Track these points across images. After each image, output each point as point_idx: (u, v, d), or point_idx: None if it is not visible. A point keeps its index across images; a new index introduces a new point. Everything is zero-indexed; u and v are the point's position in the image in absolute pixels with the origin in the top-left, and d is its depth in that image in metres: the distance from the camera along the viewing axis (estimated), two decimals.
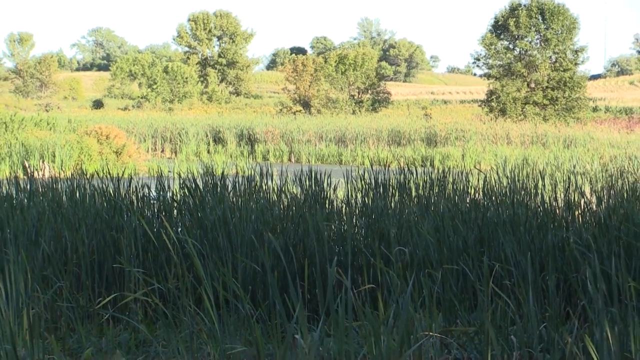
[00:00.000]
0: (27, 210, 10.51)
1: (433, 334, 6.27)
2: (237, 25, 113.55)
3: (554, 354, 6.67)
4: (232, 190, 11.27)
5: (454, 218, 9.91)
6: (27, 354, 6.59)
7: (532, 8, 74.01)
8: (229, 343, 7.13)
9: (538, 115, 69.94)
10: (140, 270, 8.98)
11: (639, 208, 10.31)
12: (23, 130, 40.06)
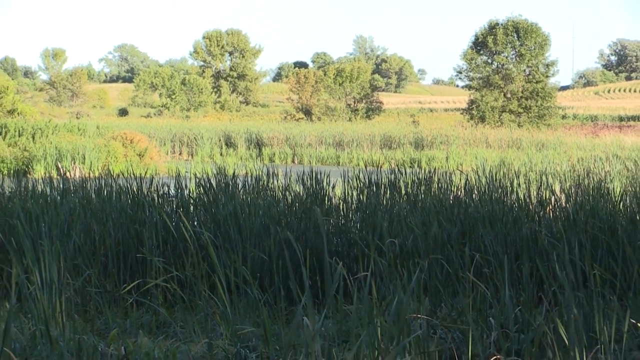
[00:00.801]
0: (60, 206, 10.51)
1: (421, 316, 6.26)
2: (246, 42, 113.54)
3: (527, 334, 6.66)
4: (242, 188, 11.27)
5: (439, 213, 9.91)
6: (60, 334, 6.58)
7: (508, 27, 74.18)
8: (240, 324, 7.13)
9: (513, 122, 70.02)
10: (161, 259, 8.98)
11: (603, 204, 10.31)
12: (56, 135, 40.05)
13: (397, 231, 9.35)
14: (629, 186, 13.54)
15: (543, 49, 74.38)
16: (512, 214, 9.97)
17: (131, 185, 11.13)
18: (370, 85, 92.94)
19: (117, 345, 6.62)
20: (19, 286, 7.58)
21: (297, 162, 48.04)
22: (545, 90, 73.74)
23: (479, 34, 75.79)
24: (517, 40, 74.19)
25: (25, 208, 10.25)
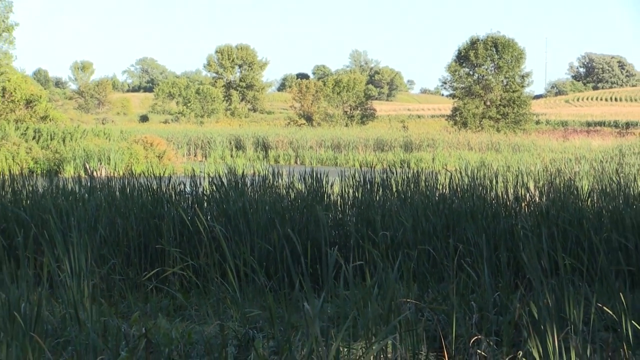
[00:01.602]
0: (87, 203, 10.50)
1: (410, 300, 6.26)
2: (254, 55, 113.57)
3: (505, 316, 6.66)
4: (250, 186, 11.27)
5: (426, 208, 9.91)
6: (87, 317, 6.57)
7: (488, 42, 74.29)
8: (248, 308, 7.13)
9: (492, 127, 70.07)
10: (177, 249, 8.98)
11: (573, 200, 10.31)
12: (84, 139, 40.05)
13: (388, 224, 9.35)
14: (595, 184, 13.54)
15: (519, 61, 74.50)
16: (492, 209, 9.97)
17: (151, 184, 11.12)
18: (365, 94, 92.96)
19: (138, 327, 6.62)
20: (51, 274, 7.58)
21: (299, 163, 48.02)
22: (521, 99, 73.92)
23: (461, 49, 75.88)
24: (495, 54, 74.30)
25: (56, 204, 10.24)
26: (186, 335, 6.55)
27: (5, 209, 10.29)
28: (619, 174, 18.24)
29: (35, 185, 11.88)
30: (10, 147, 36.63)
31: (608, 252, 8.35)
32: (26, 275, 6.84)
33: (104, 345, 6.03)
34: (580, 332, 5.71)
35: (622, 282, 7.79)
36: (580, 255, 8.24)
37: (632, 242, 8.50)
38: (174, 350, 6.17)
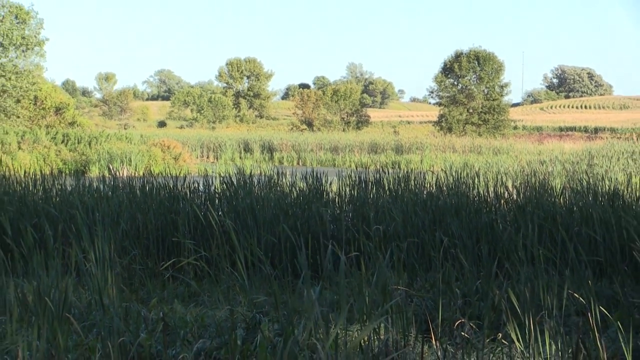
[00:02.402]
0: (110, 200, 10.50)
1: (400, 288, 6.25)
2: (260, 67, 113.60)
3: (486, 302, 6.65)
4: (257, 185, 11.27)
5: (415, 205, 9.91)
6: (110, 302, 6.57)
7: (470, 56, 74.34)
8: (255, 294, 7.12)
9: (475, 132, 70.10)
10: (192, 242, 8.99)
11: (547, 198, 10.31)
12: (108, 143, 40.04)
13: (381, 219, 9.34)
14: (567, 183, 13.54)
15: (498, 73, 74.57)
16: (474, 205, 9.97)
17: (168, 183, 11.12)
18: (360, 102, 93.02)
19: (156, 311, 6.62)
20: (78, 264, 7.58)
21: (301, 164, 48.00)
22: (500, 107, 74.01)
23: (447, 61, 75.95)
24: (477, 66, 74.34)
25: (82, 201, 10.25)
26: (199, 319, 6.55)
27: (36, 205, 10.29)
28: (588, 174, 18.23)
29: (64, 184, 11.88)
30: (42, 150, 36.65)
31: (578, 244, 8.35)
32: (55, 264, 6.84)
33: (125, 327, 6.03)
34: (553, 316, 5.71)
35: (590, 271, 7.79)
36: (553, 247, 8.25)
37: (600, 236, 8.51)
38: (188, 332, 6.17)
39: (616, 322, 5.63)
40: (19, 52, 42.24)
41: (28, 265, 8.02)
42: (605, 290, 7.27)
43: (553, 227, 8.72)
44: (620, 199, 10.06)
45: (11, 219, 9.39)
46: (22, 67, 42.50)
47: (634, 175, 20.96)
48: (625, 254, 8.10)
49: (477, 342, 5.42)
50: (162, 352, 5.59)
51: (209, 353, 5.71)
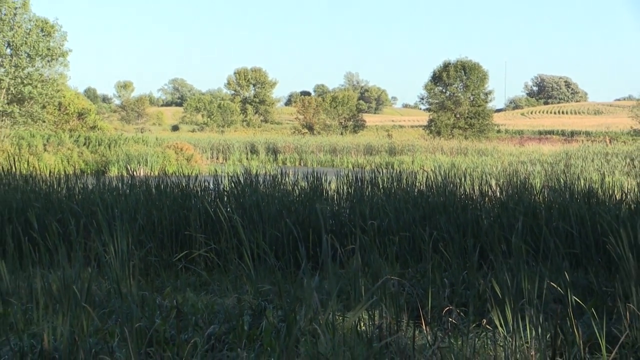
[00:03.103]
0: (128, 197, 10.50)
1: (393, 277, 6.25)
2: (265, 76, 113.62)
3: (472, 290, 6.66)
4: (262, 184, 11.26)
5: (407, 202, 9.90)
6: (128, 291, 6.57)
7: (457, 65, 74.35)
8: (260, 283, 7.12)
9: (461, 135, 70.07)
10: (202, 235, 8.98)
11: (527, 195, 10.30)
12: (126, 145, 40.03)
13: (376, 215, 9.34)
14: (545, 182, 13.54)
15: (483, 81, 74.58)
16: (461, 202, 9.96)
17: (181, 182, 11.11)
18: (356, 108, 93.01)
19: (170, 299, 6.62)
20: (98, 256, 7.57)
21: (302, 165, 47.97)
22: (485, 112, 74.05)
23: (436, 71, 75.97)
24: (464, 75, 74.32)
25: (103, 198, 10.24)
26: (210, 306, 6.55)
27: (60, 202, 10.29)
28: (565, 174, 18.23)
29: (86, 183, 11.87)
30: (65, 152, 36.63)
31: (556, 238, 8.35)
32: (78, 257, 6.83)
33: (142, 314, 6.02)
34: (533, 304, 5.71)
35: (567, 262, 7.79)
36: (533, 240, 8.25)
37: (576, 230, 8.51)
38: (199, 318, 6.17)
39: (591, 309, 5.64)
40: (44, 62, 42.22)
41: (53, 257, 8.02)
42: (581, 280, 7.27)
43: (533, 222, 8.72)
44: (595, 196, 10.06)
45: (37, 215, 9.39)
46: (47, 76, 42.47)
47: (607, 175, 20.96)
48: (599, 246, 8.10)
49: (464, 327, 5.42)
50: (175, 336, 5.58)
51: (219, 337, 5.71)
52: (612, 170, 26.09)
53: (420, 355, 4.73)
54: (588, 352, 5.00)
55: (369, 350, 4.72)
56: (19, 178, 12.93)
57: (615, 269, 7.13)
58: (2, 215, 9.69)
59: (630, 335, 5.19)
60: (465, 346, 4.94)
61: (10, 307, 6.06)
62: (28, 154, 34.08)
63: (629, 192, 10.91)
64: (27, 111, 42.14)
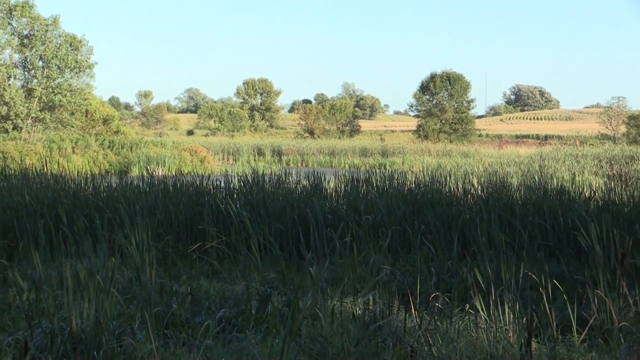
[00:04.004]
0: (148, 194, 10.49)
1: (386, 267, 6.25)
2: (271, 86, 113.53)
3: (456, 278, 6.65)
4: (268, 183, 11.25)
5: (398, 199, 9.89)
6: (148, 279, 6.57)
7: (443, 76, 74.39)
8: (266, 272, 7.12)
9: (447, 139, 69.96)
10: (214, 229, 8.97)
11: (505, 193, 10.30)
12: (146, 148, 39.98)
13: (370, 211, 9.34)
14: (522, 181, 13.53)
15: (466, 91, 74.59)
16: (446, 199, 9.96)
17: (195, 181, 11.11)
18: (352, 114, 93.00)
19: (185, 286, 6.61)
20: (121, 247, 7.57)
21: (304, 165, 47.89)
22: (467, 118, 74.07)
23: (424, 81, 76.01)
24: (449, 85, 74.32)
25: (125, 196, 10.23)
26: (221, 292, 6.54)
27: (87, 199, 10.29)
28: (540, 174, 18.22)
29: (110, 182, 11.87)
30: (92, 154, 36.61)
31: (532, 231, 8.35)
32: (103, 248, 6.82)
33: (160, 299, 6.02)
34: (511, 290, 5.70)
35: (542, 253, 7.80)
36: (511, 233, 8.24)
37: (549, 224, 8.50)
38: (211, 303, 6.17)
39: (563, 294, 5.63)
40: (73, 74, 42.23)
41: (80, 249, 8.01)
42: (554, 269, 7.26)
43: (511, 217, 8.71)
44: (566, 193, 10.05)
45: (67, 211, 9.39)
46: (75, 86, 42.46)
47: (577, 174, 20.95)
48: (570, 239, 8.09)
49: (449, 311, 5.41)
50: (190, 319, 5.58)
51: (229, 320, 5.70)
52: (582, 170, 26.07)
53: (410, 337, 4.72)
54: (560, 334, 4.99)
55: (364, 332, 4.71)
56: (50, 177, 12.93)
57: (585, 259, 7.13)
58: (35, 210, 9.68)
59: (598, 318, 5.19)
60: (450, 328, 4.93)
61: (42, 293, 6.06)
62: (58, 156, 34.06)
63: (596, 190, 10.91)
64: (57, 117, 42.15)
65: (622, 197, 9.58)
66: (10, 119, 40.04)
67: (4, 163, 19.81)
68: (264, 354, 4.61)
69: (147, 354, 4.47)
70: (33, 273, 6.83)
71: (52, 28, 41.77)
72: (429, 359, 4.38)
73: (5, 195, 10.38)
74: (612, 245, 6.49)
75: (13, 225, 9.42)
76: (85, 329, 4.97)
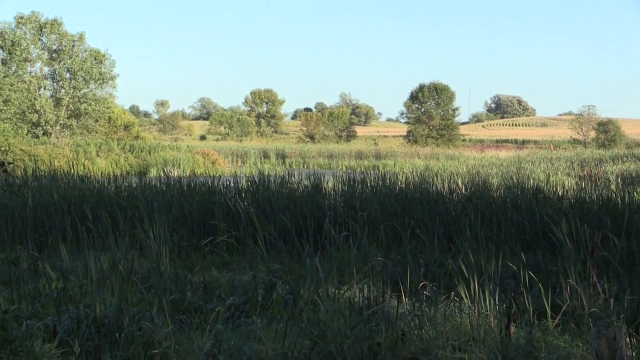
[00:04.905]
0: (165, 193, 10.49)
1: (379, 258, 6.25)
2: (275, 96, 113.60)
3: (442, 269, 6.65)
4: (273, 183, 11.25)
5: (390, 197, 9.90)
6: (165, 269, 6.57)
7: (431, 87, 74.54)
8: (271, 263, 7.11)
9: (434, 143, 69.98)
10: (224, 224, 8.97)
11: (487, 192, 10.30)
12: (163, 151, 39.95)
13: (365, 207, 9.34)
14: (501, 181, 13.53)
15: (451, 100, 74.69)
16: (433, 197, 9.96)
17: (207, 181, 11.11)
18: (349, 121, 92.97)
19: (198, 276, 6.61)
20: (140, 241, 7.57)
21: (306, 167, 47.79)
22: (452, 125, 74.20)
23: (413, 92, 76.14)
24: (436, 95, 74.39)
25: (144, 194, 10.23)
26: (230, 282, 6.54)
27: (110, 197, 10.29)
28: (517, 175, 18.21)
29: (130, 182, 11.87)
30: (114, 157, 36.61)
31: (510, 226, 8.35)
32: (124, 241, 6.83)
33: (175, 288, 6.02)
34: (492, 279, 5.70)
35: (519, 246, 7.80)
36: (492, 228, 8.24)
37: (526, 220, 8.51)
38: (222, 291, 6.16)
39: (539, 284, 5.63)
40: (97, 85, 42.36)
41: (104, 242, 8.01)
42: (531, 260, 7.26)
43: (491, 214, 8.72)
44: (541, 192, 10.06)
45: (91, 208, 9.39)
46: (99, 96, 42.57)
47: (551, 175, 20.96)
48: (545, 233, 8.10)
49: (436, 298, 5.41)
50: (202, 306, 5.58)
51: (238, 307, 5.70)
52: (556, 171, 26.05)
53: (400, 321, 4.72)
54: (536, 319, 4.99)
55: (359, 317, 4.71)
56: (76, 178, 12.94)
57: (558, 251, 7.13)
58: (63, 208, 9.68)
59: (570, 305, 5.19)
60: (437, 314, 4.93)
61: (69, 282, 6.05)
62: (84, 158, 34.04)
63: (569, 190, 10.93)
64: (83, 124, 42.22)
65: (592, 196, 9.58)
66: (40, 125, 40.17)
67: (35, 165, 19.80)
68: (269, 337, 4.61)
69: (164, 337, 4.47)
70: (61, 264, 6.83)
71: (78, 43, 41.91)
72: (418, 341, 4.38)
73: (36, 194, 10.38)
74: (583, 239, 6.49)
75: (43, 221, 9.42)
76: (108, 314, 4.97)
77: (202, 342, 4.47)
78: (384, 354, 4.10)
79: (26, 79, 40.08)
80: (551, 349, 4.19)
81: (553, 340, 4.40)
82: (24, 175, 13.93)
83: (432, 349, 4.21)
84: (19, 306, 5.27)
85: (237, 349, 4.38)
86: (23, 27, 40.58)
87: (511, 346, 4.17)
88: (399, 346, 4.24)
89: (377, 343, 4.11)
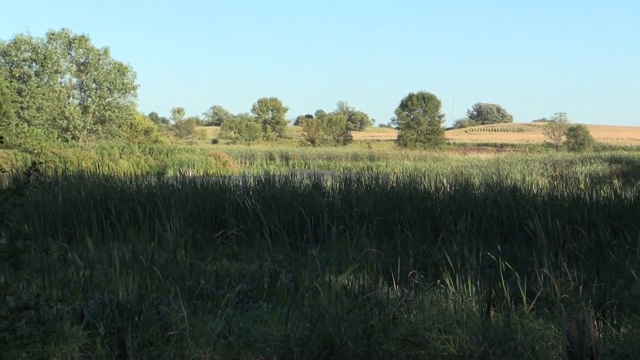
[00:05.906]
0: (181, 191, 10.48)
1: (372, 250, 6.24)
2: (280, 104, 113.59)
3: (429, 259, 6.65)
4: (277, 182, 11.25)
5: (382, 195, 9.89)
6: (181, 259, 6.56)
7: (419, 96, 74.66)
8: (276, 254, 7.11)
9: (422, 147, 69.92)
10: (234, 219, 8.96)
11: (469, 190, 10.30)
12: (179, 154, 39.97)
13: (360, 204, 9.33)
14: (482, 181, 13.52)
15: (437, 107, 74.75)
16: (421, 195, 9.96)
17: (219, 180, 11.10)
18: (346, 127, 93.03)
19: (211, 265, 6.61)
20: (159, 234, 7.56)
21: (307, 168, 47.78)
22: (438, 130, 74.27)
23: (403, 100, 76.22)
24: (423, 103, 74.44)
25: (162, 192, 10.22)
26: (239, 270, 6.53)
27: (131, 195, 10.28)
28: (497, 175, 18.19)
29: (150, 181, 11.86)
30: (135, 159, 36.61)
31: (490, 221, 8.35)
32: (144, 234, 6.82)
33: (190, 276, 6.01)
34: (474, 268, 5.70)
35: (498, 239, 7.79)
36: (473, 223, 8.24)
37: (505, 215, 8.50)
38: (232, 279, 6.16)
39: (515, 272, 5.63)
40: (120, 94, 42.49)
41: (126, 235, 8.01)
42: (508, 251, 7.26)
43: (474, 209, 8.71)
44: (518, 191, 10.06)
45: (115, 204, 9.39)
46: (122, 104, 42.69)
47: (527, 175, 20.95)
48: (521, 227, 8.10)
49: (423, 286, 5.41)
50: (214, 292, 5.57)
51: (246, 293, 5.70)
52: (531, 172, 26.04)
53: (392, 306, 4.72)
54: (513, 304, 4.99)
55: (354, 302, 4.71)
56: (101, 178, 12.93)
57: (533, 243, 7.13)
58: (89, 204, 9.68)
59: (544, 291, 5.19)
60: (425, 300, 4.93)
61: (95, 271, 6.05)
62: (108, 160, 34.04)
63: (542, 188, 10.92)
64: (107, 129, 42.31)
65: (563, 194, 9.59)
66: (69, 130, 40.32)
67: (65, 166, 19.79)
68: (274, 320, 4.62)
69: (180, 320, 4.47)
70: (87, 255, 6.83)
71: (104, 57, 42.06)
72: (407, 324, 4.38)
73: (65, 192, 10.37)
74: (555, 232, 6.49)
75: (72, 216, 9.42)
76: (130, 299, 4.97)
77: (214, 324, 4.47)
78: (377, 335, 4.10)
79: (57, 89, 40.18)
80: (527, 331, 4.19)
81: (528, 323, 4.39)
82: (54, 175, 13.92)
83: (420, 331, 4.21)
84: (50, 292, 5.27)
85: (246, 331, 4.39)
86: (54, 43, 40.72)
87: (491, 328, 4.17)
88: (390, 328, 4.25)
89: (370, 325, 4.12)
